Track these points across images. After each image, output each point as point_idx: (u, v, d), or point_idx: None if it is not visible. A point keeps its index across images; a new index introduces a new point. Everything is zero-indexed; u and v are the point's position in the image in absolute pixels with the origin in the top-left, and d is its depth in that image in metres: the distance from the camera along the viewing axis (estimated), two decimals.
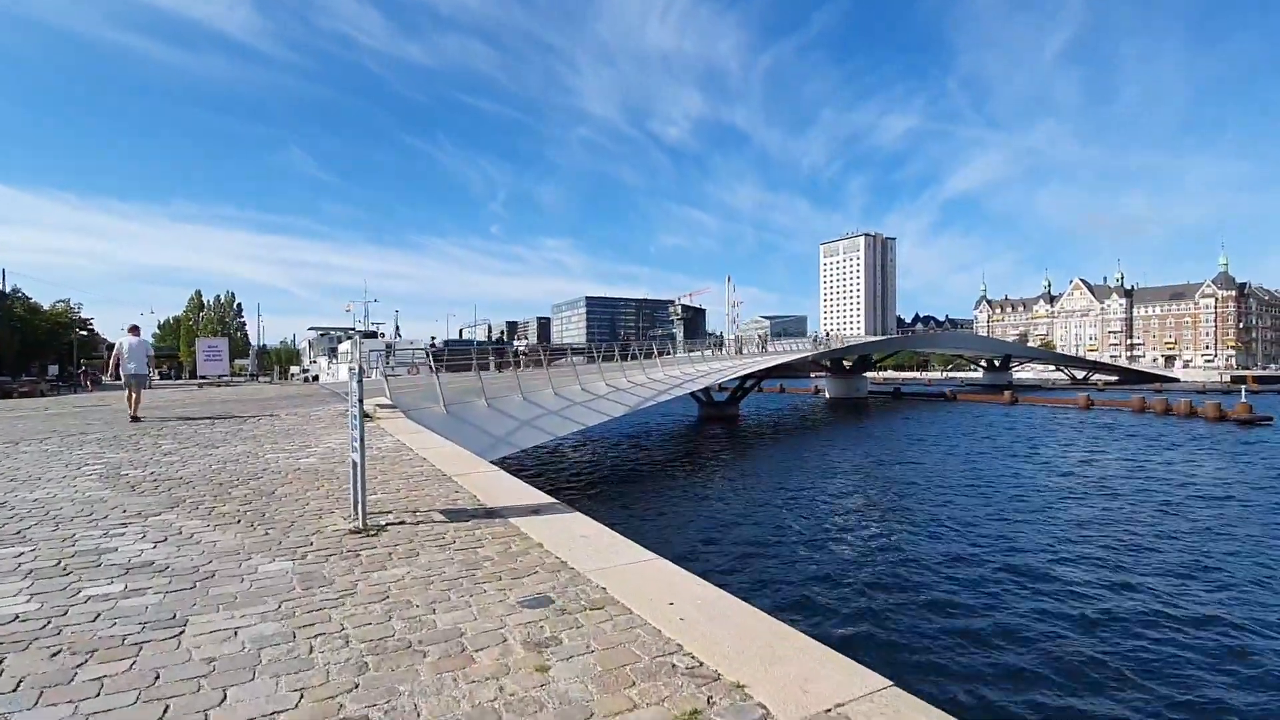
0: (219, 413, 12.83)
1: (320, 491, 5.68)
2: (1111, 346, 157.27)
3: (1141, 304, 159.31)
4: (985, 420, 41.82)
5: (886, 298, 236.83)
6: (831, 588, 11.43)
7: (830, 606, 10.53)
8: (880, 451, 28.25)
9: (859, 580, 11.77)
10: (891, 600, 10.83)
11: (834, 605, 10.59)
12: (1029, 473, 22.69)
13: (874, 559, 13.18)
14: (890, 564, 12.82)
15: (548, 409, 17.30)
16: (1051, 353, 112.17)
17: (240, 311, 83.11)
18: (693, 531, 15.33)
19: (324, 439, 8.87)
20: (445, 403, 14.49)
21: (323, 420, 11.23)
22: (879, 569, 12.52)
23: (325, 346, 49.86)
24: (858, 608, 10.50)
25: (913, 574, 12.18)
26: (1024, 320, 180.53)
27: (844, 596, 11.00)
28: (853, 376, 63.64)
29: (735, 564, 12.63)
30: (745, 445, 31.95)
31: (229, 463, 7.02)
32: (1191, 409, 40.59)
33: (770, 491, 19.83)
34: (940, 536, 14.77)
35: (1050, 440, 31.94)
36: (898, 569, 12.50)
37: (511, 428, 15.74)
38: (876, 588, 11.43)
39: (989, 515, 16.67)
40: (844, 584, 11.60)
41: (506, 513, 4.99)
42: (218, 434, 9.46)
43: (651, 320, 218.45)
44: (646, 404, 21.77)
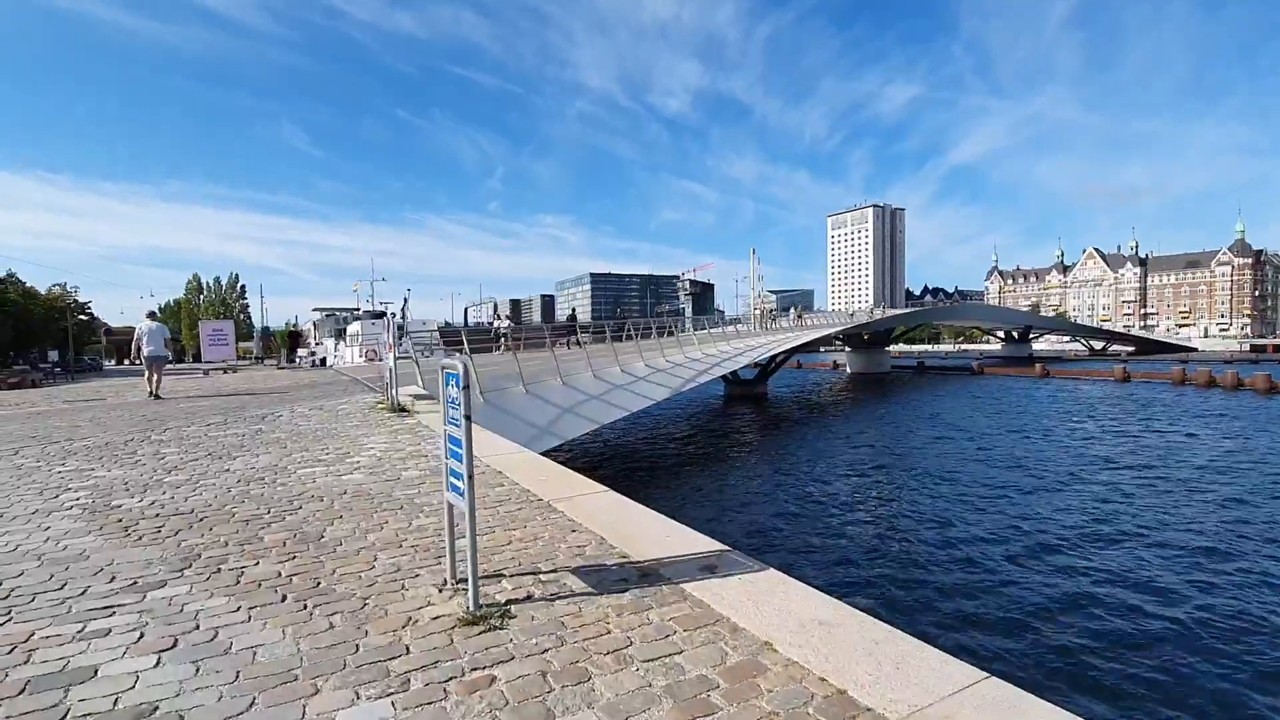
0: (230, 406, 11.26)
1: (386, 532, 4.10)
2: (1125, 316, 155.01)
3: (1156, 273, 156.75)
4: (1020, 395, 40.16)
5: (896, 270, 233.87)
6: (962, 598, 9.92)
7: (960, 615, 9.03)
8: (923, 429, 26.70)
9: (983, 588, 10.26)
10: (1014, 609, 9.32)
11: (962, 613, 9.09)
12: (1093, 454, 21.11)
13: (969, 552, 11.66)
14: (989, 559, 11.30)
15: (589, 394, 15.72)
16: (1074, 324, 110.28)
17: (244, 293, 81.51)
18: (756, 516, 13.86)
19: (363, 443, 7.28)
20: (482, 390, 12.92)
21: (352, 415, 9.64)
22: (984, 569, 11.00)
23: (332, 328, 48.18)
24: (984, 616, 8.99)
25: (1015, 573, 10.67)
26: (1036, 291, 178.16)
27: (971, 602, 9.50)
28: (874, 351, 61.86)
29: (834, 566, 11.12)
30: (780, 425, 30.45)
31: (253, 482, 5.43)
32: (1239, 381, 38.80)
33: (823, 476, 18.31)
34: (1014, 524, 13.25)
35: (1103, 418, 30.29)
36: (997, 565, 10.99)
37: (553, 416, 14.17)
38: (994, 594, 9.92)
39: (1056, 502, 15.14)
40: (966, 590, 10.09)
41: (667, 571, 3.41)
42: (232, 437, 7.87)
43: (657, 296, 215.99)
44: (688, 385, 20.18)
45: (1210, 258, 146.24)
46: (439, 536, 3.97)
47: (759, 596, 3.10)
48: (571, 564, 3.55)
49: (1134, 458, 20.19)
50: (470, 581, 2.92)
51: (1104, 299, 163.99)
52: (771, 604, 3.02)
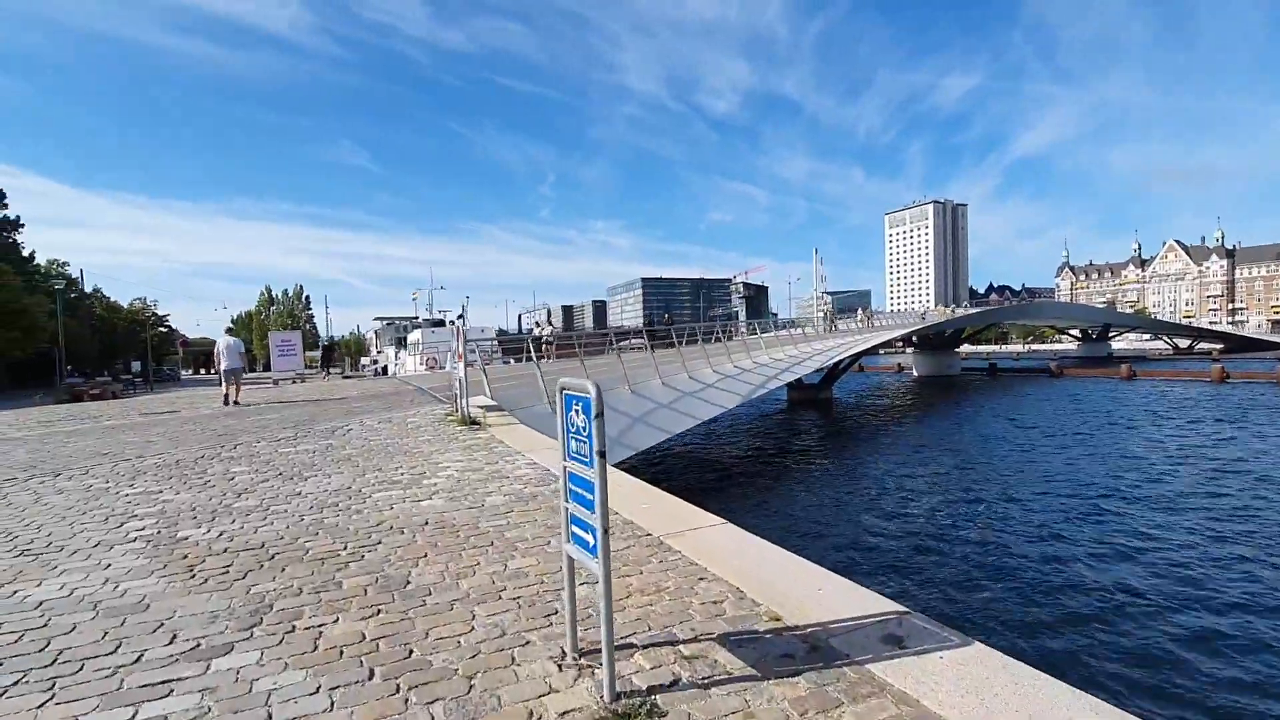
0: (299, 418, 11.04)
1: (480, 578, 3.47)
2: (1211, 312, 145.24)
3: (1245, 264, 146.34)
4: (1111, 399, 37.40)
5: (958, 268, 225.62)
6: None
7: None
8: (1012, 436, 24.93)
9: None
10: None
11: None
12: (1233, 475, 19.14)
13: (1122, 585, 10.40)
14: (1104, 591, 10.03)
15: (658, 402, 15.03)
16: (1158, 321, 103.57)
17: (309, 304, 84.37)
18: (847, 539, 12.86)
19: (437, 460, 6.76)
20: (550, 399, 12.40)
21: (422, 428, 9.21)
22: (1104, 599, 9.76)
23: (392, 336, 49.14)
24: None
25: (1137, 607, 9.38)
26: (1111, 287, 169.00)
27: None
28: (942, 353, 59.07)
29: (973, 609, 10.08)
30: (851, 433, 29.08)
31: (325, 508, 4.94)
32: None
33: (912, 492, 17.09)
34: (1139, 559, 11.83)
35: (1223, 426, 27.78)
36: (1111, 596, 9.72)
37: (624, 425, 13.53)
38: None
39: (1181, 533, 13.55)
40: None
41: (839, 643, 2.66)
42: (302, 453, 7.50)
43: (709, 300, 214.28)
44: (758, 391, 19.25)
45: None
46: (543, 584, 3.33)
47: (979, 688, 2.32)
48: (714, 628, 2.83)
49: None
50: (605, 667, 2.24)
51: (1187, 294, 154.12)
52: (1000, 701, 2.23)
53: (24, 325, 33.96)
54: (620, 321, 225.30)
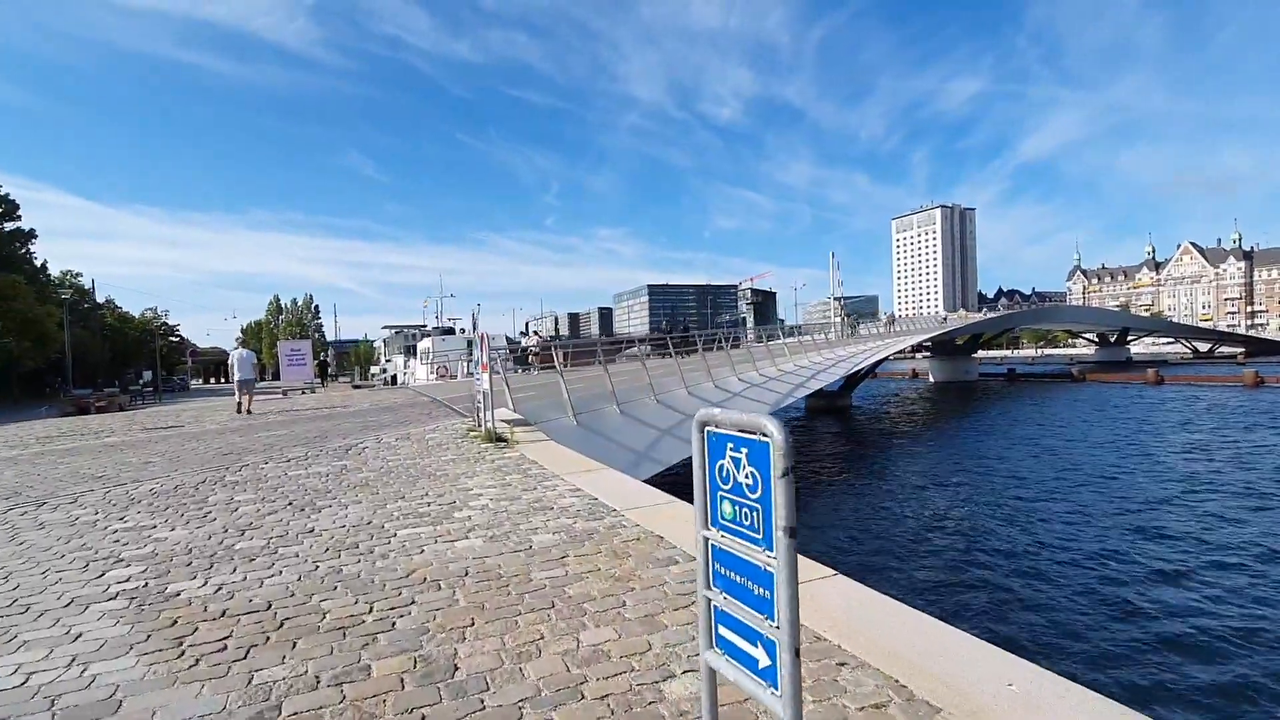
0: (310, 435, 10.31)
1: (548, 660, 2.67)
2: (1229, 315, 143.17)
3: (1263, 267, 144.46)
4: (1143, 405, 36.24)
5: (966, 272, 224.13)
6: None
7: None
8: (1039, 447, 23.94)
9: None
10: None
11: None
12: None
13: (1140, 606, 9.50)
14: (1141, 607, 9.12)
15: (685, 413, 14.22)
16: (1178, 325, 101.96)
17: (318, 313, 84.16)
18: (885, 558, 11.99)
19: (467, 486, 5.98)
20: (574, 412, 11.64)
21: (444, 446, 8.45)
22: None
23: (401, 345, 48.55)
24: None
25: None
26: (1125, 290, 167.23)
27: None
28: (960, 358, 57.95)
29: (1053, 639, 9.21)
30: (874, 443, 28.12)
31: (344, 552, 4.16)
32: None
33: (948, 507, 16.19)
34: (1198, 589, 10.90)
35: (1260, 432, 26.70)
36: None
37: (651, 438, 12.74)
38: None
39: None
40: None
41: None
42: (315, 477, 6.74)
43: (715, 306, 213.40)
44: (785, 400, 18.45)
45: None
46: (635, 672, 2.53)
47: None
48: None
49: None
50: None
51: (1203, 297, 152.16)
52: None
53: (35, 335, 33.62)
54: (628, 328, 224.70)
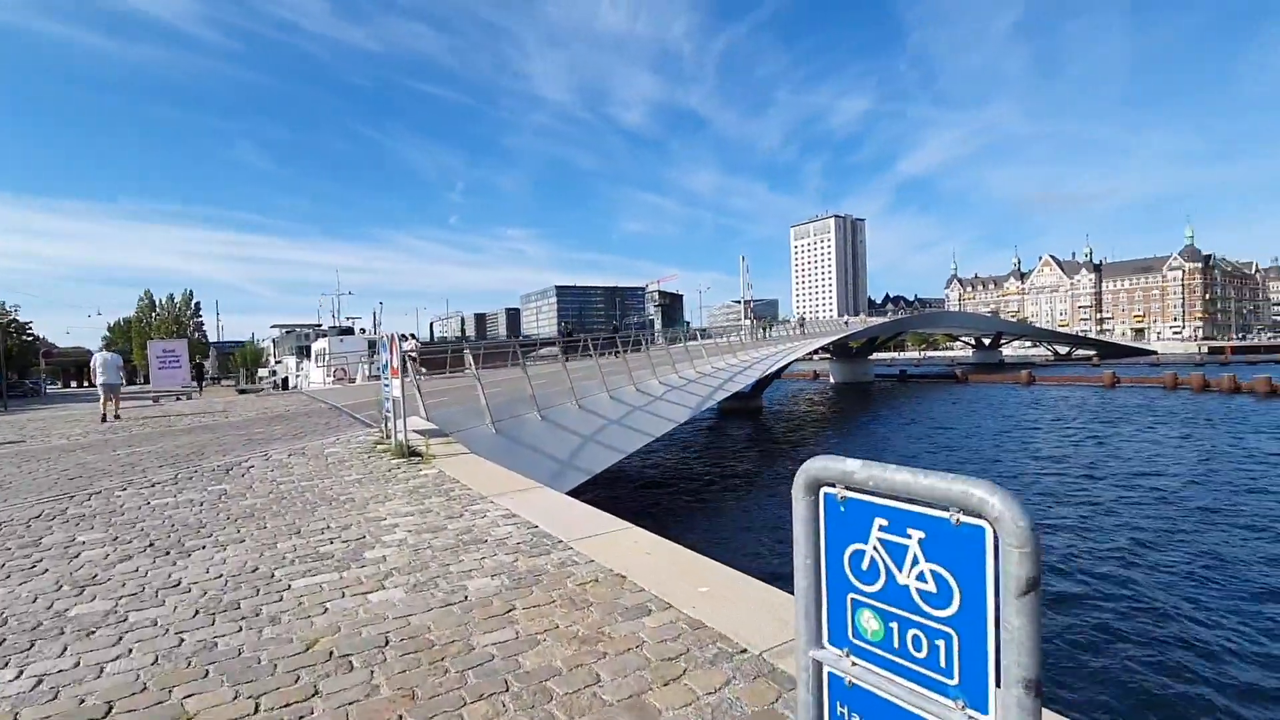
0: (183, 451, 8.86)
1: None
2: (1082, 321, 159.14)
3: (1110, 278, 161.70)
4: (1015, 403, 39.30)
5: (858, 279, 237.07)
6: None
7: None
8: (934, 443, 25.25)
9: None
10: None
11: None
12: (1151, 475, 19.85)
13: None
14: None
15: (607, 418, 13.64)
16: (1041, 330, 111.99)
17: (199, 310, 76.66)
18: None
19: (378, 514, 5.09)
20: (493, 419, 10.77)
21: (347, 462, 7.39)
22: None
23: (293, 345, 44.91)
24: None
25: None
26: (995, 298, 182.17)
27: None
28: (859, 360, 60.90)
29: None
30: (788, 443, 28.62)
31: (219, 616, 3.24)
32: (1235, 385, 38.53)
33: None
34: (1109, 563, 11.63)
35: (1128, 428, 29.38)
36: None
37: (574, 446, 12.06)
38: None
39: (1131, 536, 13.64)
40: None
41: None
42: (185, 507, 5.59)
43: (623, 308, 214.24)
44: (705, 404, 18.25)
45: (1162, 263, 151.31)
46: None
47: None
48: None
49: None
50: None
51: (1061, 304, 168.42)
52: None
53: None
54: (536, 329, 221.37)
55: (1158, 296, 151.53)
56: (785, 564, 9.51)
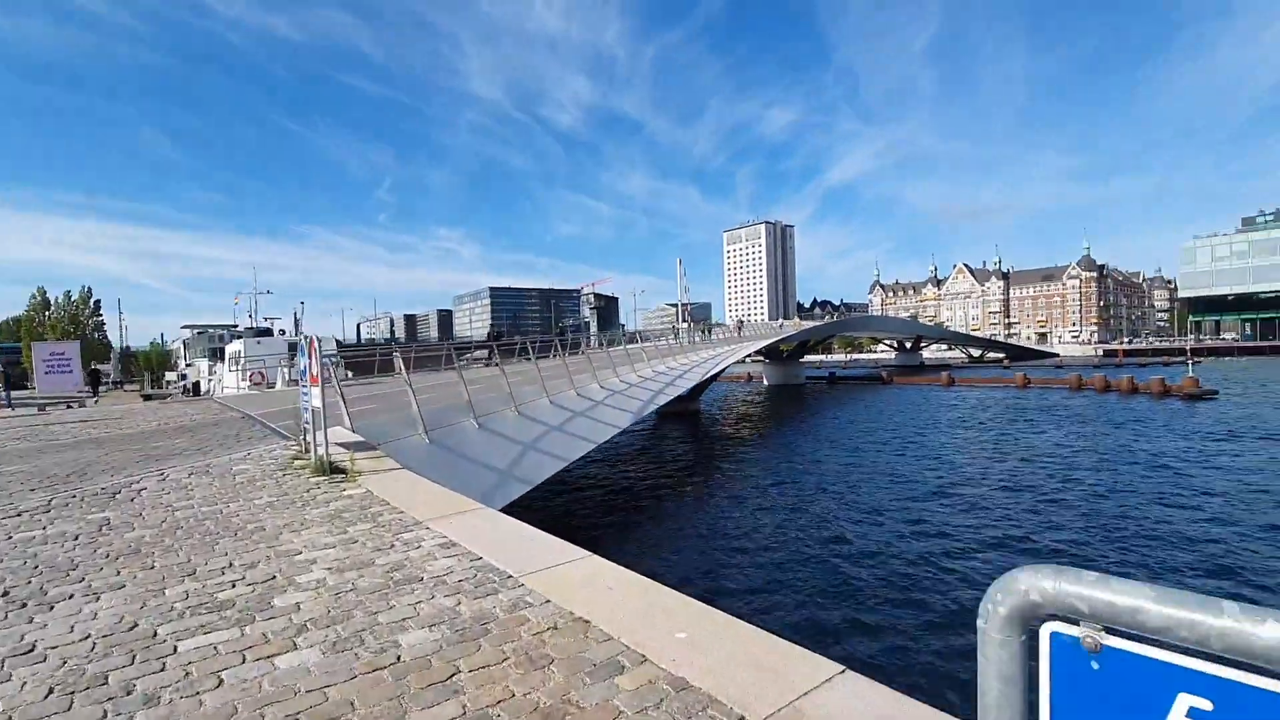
0: (62, 470, 7.73)
1: None
2: (992, 325, 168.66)
3: (1016, 285, 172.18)
4: (938, 404, 40.97)
5: (788, 283, 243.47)
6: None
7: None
8: (882, 441, 25.85)
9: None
10: None
11: None
12: (1066, 465, 20.83)
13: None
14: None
15: (548, 424, 13.05)
16: (957, 334, 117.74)
17: (98, 309, 70.46)
18: (724, 560, 11.73)
19: (293, 546, 4.41)
20: (426, 428, 10.01)
21: (259, 482, 6.56)
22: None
23: (205, 347, 41.81)
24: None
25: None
26: (914, 303, 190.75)
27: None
28: (791, 363, 62.25)
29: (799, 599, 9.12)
30: (727, 445, 28.63)
31: (79, 694, 2.56)
32: (1133, 385, 41.46)
33: (814, 506, 16.57)
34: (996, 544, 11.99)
35: (1034, 425, 30.94)
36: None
37: (514, 455, 11.42)
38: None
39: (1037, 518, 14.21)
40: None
41: None
42: (56, 542, 4.72)
43: (558, 310, 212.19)
44: (648, 408, 17.87)
45: (1062, 272, 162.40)
46: None
47: None
48: None
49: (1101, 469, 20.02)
50: None
51: (973, 310, 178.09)
52: None
53: None
54: (469, 332, 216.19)
55: (1059, 303, 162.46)
56: (731, 576, 9.19)
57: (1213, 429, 26.91)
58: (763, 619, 9.66)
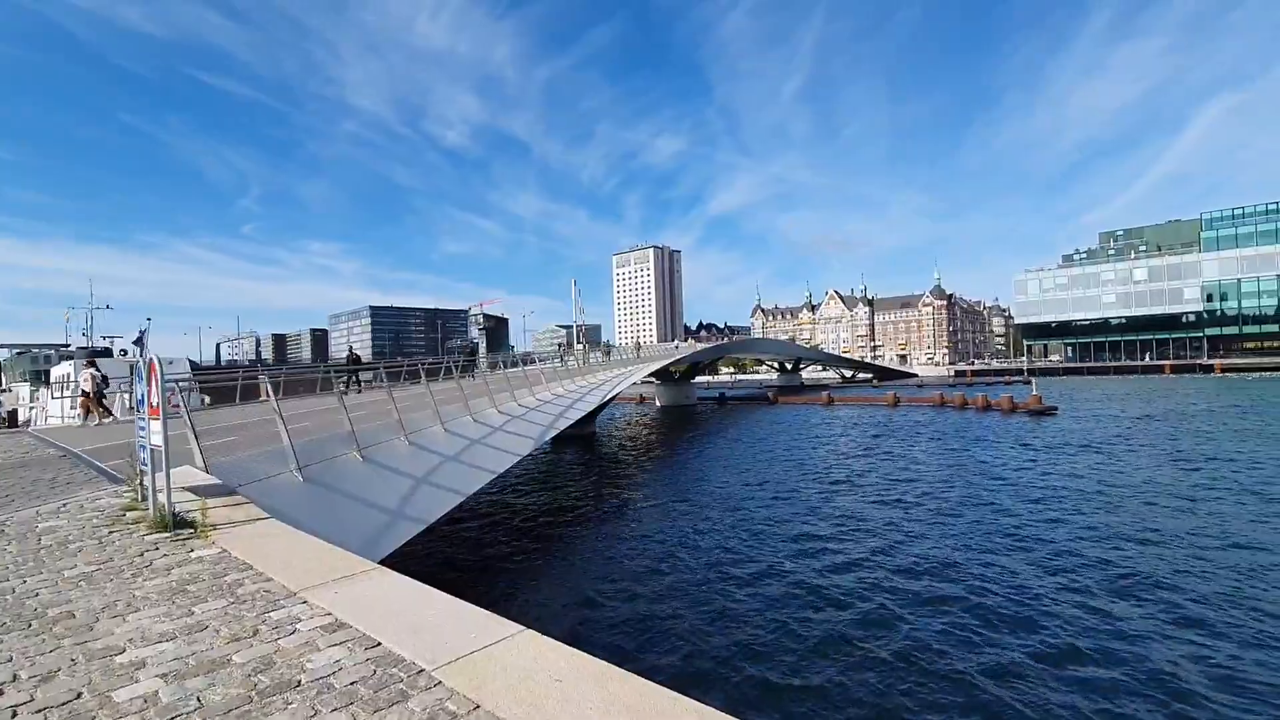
0: None
1: None
2: (860, 348, 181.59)
3: (880, 311, 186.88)
4: (819, 422, 42.96)
5: (675, 306, 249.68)
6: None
7: None
8: (761, 461, 26.36)
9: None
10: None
11: None
12: (932, 484, 22.08)
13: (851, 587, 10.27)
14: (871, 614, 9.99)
15: (444, 454, 11.88)
16: (833, 356, 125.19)
17: None
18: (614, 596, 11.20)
19: (113, 639, 3.26)
20: (300, 464, 8.64)
21: (77, 544, 5.12)
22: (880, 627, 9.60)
23: (27, 369, 35.82)
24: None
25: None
26: (792, 326, 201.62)
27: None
28: (682, 384, 63.11)
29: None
30: (625, 470, 28.07)
31: None
32: (987, 403, 45.63)
33: (719, 526, 16.30)
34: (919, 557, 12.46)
35: (906, 441, 32.91)
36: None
37: (405, 490, 10.19)
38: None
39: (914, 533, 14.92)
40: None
41: None
42: None
43: (445, 331, 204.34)
44: (549, 434, 16.94)
45: (918, 300, 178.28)
46: None
47: None
48: None
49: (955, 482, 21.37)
50: None
51: (844, 333, 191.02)
52: None
53: None
54: (346, 353, 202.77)
55: (915, 328, 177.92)
56: (657, 626, 8.50)
57: (1063, 442, 29.91)
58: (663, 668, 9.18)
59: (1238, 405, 44.00)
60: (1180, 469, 22.34)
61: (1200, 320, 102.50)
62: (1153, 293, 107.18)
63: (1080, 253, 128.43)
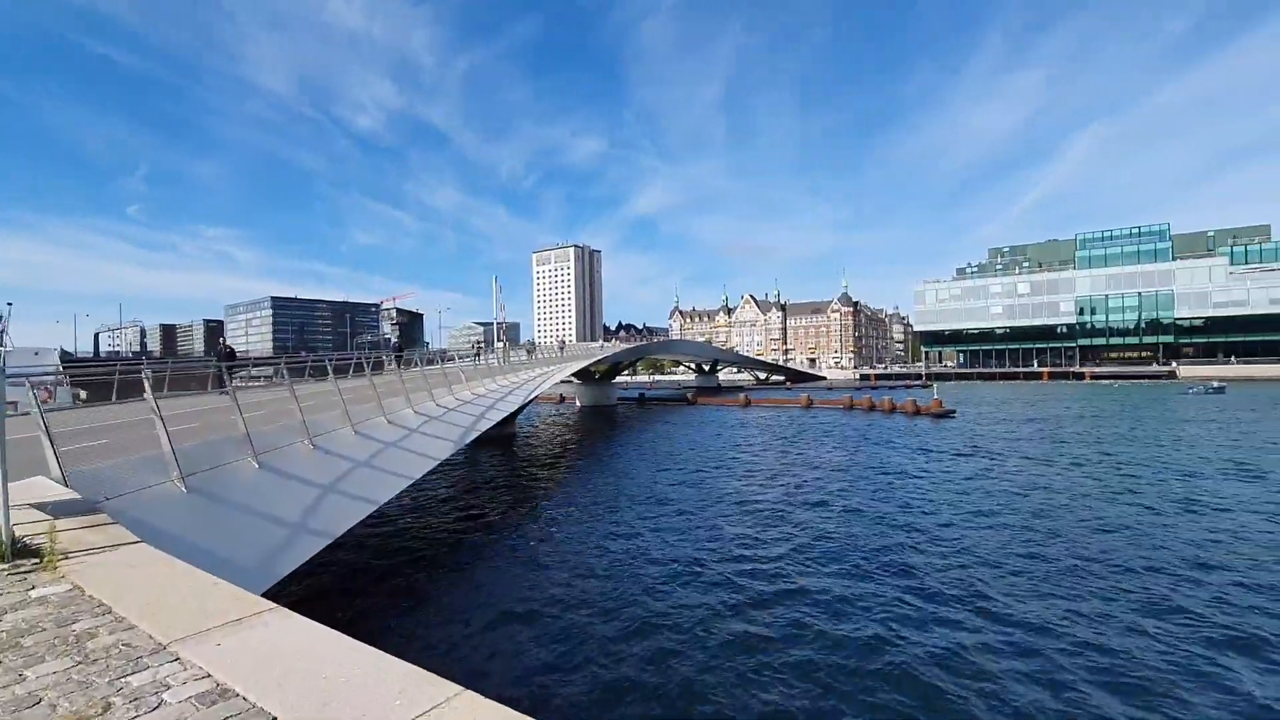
0: None
1: None
2: (773, 351, 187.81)
3: (792, 316, 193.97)
4: (736, 423, 43.69)
5: (595, 306, 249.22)
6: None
7: None
8: (681, 461, 26.35)
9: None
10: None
11: None
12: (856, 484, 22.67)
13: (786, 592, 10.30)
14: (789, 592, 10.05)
15: (354, 459, 10.83)
16: (748, 358, 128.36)
17: None
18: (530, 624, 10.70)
19: None
20: (183, 473, 7.49)
21: None
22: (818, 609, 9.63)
23: None
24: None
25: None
26: (708, 328, 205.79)
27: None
28: (605, 384, 62.67)
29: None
30: (543, 471, 27.29)
31: None
32: (893, 405, 47.89)
33: (655, 529, 15.91)
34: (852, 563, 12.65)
35: (820, 442, 33.85)
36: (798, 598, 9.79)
37: (308, 500, 9.14)
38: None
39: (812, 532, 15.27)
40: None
41: None
42: None
43: (354, 326, 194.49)
44: (469, 436, 15.99)
45: (826, 305, 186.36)
46: None
47: None
48: None
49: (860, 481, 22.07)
50: None
51: (758, 337, 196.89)
52: None
53: None
54: (245, 347, 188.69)
55: (824, 333, 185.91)
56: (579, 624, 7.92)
57: (964, 443, 31.64)
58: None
59: (1103, 411, 48.39)
60: (1066, 467, 24.09)
61: (1073, 331, 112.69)
62: (1034, 305, 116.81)
63: (972, 266, 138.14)
